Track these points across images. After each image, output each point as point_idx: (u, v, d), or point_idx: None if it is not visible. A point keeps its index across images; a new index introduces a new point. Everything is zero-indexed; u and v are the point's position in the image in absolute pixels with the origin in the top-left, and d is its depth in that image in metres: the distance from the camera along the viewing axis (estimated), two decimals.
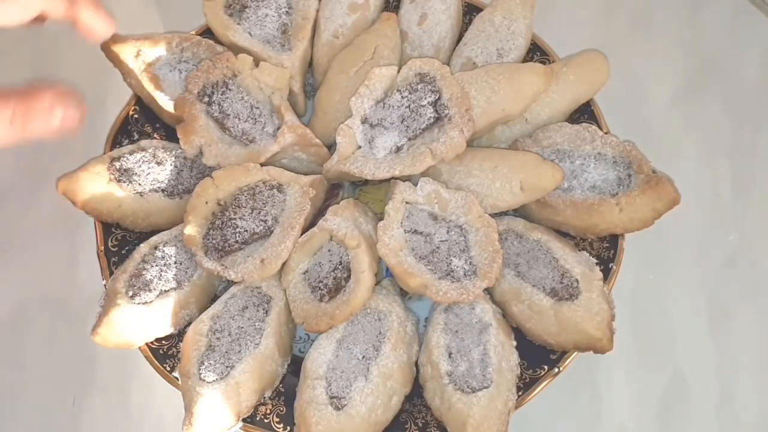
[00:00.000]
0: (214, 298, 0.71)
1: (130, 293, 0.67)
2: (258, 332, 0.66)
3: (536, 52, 0.80)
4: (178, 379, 0.67)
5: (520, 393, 0.66)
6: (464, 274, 0.66)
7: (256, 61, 0.72)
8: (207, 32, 0.80)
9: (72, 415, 0.76)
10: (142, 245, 0.70)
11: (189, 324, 0.68)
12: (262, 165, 0.70)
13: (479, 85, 0.70)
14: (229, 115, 0.72)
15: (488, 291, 0.69)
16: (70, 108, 0.50)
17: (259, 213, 0.69)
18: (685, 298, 0.79)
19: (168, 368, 0.68)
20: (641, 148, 0.71)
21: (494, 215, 0.69)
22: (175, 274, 0.69)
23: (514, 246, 0.70)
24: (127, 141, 0.77)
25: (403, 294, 0.72)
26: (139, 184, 0.72)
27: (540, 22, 0.79)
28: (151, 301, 0.67)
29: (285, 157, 0.73)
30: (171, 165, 0.73)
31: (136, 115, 0.79)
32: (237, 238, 0.68)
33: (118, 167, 0.72)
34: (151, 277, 0.68)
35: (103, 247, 0.73)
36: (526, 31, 0.77)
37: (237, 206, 0.69)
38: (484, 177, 0.69)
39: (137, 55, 0.75)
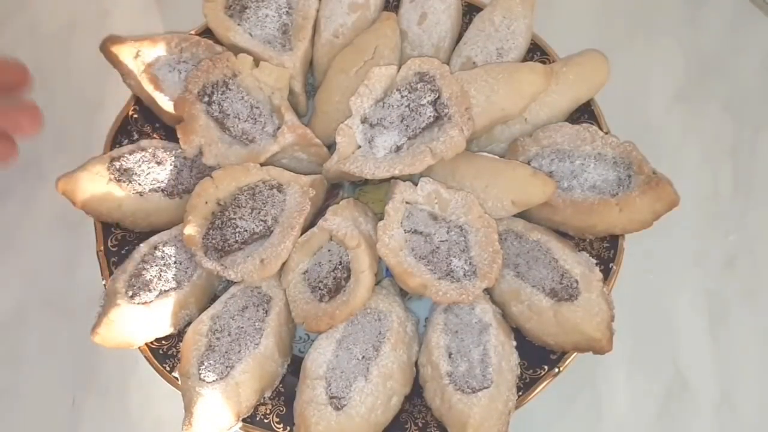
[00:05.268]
0: (213, 298, 0.71)
1: (130, 293, 0.67)
2: (258, 332, 0.66)
3: (536, 52, 0.79)
4: (178, 379, 0.67)
5: (521, 393, 0.66)
6: (464, 275, 0.66)
7: (256, 61, 0.72)
8: (206, 32, 0.80)
9: (72, 415, 0.76)
10: (141, 245, 0.70)
11: (189, 324, 0.68)
12: (262, 165, 0.70)
13: (479, 85, 0.70)
14: (229, 114, 0.72)
15: (488, 291, 0.69)
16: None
17: (259, 213, 0.69)
18: (685, 298, 0.79)
19: (168, 368, 0.68)
20: (641, 147, 0.71)
21: None
22: (174, 274, 0.69)
23: (513, 246, 0.70)
24: (126, 141, 0.77)
25: (403, 294, 0.72)
26: (139, 184, 0.72)
27: (540, 21, 0.78)
28: (150, 301, 0.67)
29: (285, 157, 0.73)
30: (171, 165, 0.73)
31: (135, 115, 0.79)
32: (237, 238, 0.68)
33: (117, 167, 0.72)
34: (151, 277, 0.68)
35: (102, 247, 0.73)
36: (526, 31, 0.77)
37: (237, 206, 0.69)
38: (475, 196, 0.69)
39: (136, 56, 0.75)
